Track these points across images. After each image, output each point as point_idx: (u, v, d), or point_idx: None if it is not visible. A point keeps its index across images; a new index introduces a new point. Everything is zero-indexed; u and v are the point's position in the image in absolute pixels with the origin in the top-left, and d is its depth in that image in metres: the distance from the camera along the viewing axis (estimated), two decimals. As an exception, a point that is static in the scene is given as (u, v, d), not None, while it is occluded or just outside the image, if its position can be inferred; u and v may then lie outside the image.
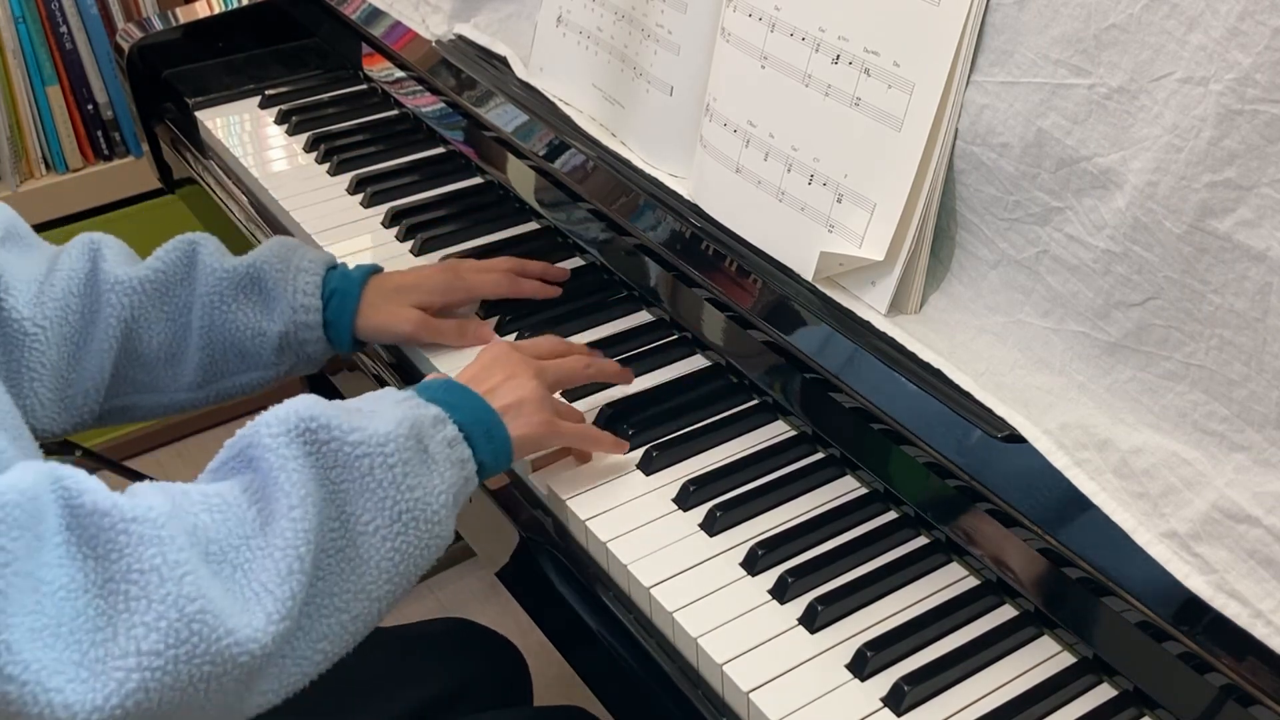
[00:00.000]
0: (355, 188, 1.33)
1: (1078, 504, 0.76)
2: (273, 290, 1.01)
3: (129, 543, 0.65)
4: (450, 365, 1.05)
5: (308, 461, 0.73)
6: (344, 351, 1.07)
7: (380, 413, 0.79)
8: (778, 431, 0.98)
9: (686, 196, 1.08)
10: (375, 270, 1.08)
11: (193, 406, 1.03)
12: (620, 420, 0.98)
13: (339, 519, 0.74)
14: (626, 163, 1.14)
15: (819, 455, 0.96)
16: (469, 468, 0.82)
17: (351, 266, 1.07)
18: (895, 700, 0.77)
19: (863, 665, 0.79)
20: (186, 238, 1.02)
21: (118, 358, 0.97)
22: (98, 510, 0.65)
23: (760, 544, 0.87)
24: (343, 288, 1.04)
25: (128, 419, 1.02)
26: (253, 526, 0.71)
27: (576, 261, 1.20)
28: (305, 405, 0.76)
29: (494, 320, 1.11)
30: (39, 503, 0.64)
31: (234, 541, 0.70)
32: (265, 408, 0.77)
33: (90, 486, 0.66)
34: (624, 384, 1.01)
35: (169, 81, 1.57)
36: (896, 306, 0.92)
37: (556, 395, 0.97)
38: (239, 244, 1.39)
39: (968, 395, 0.84)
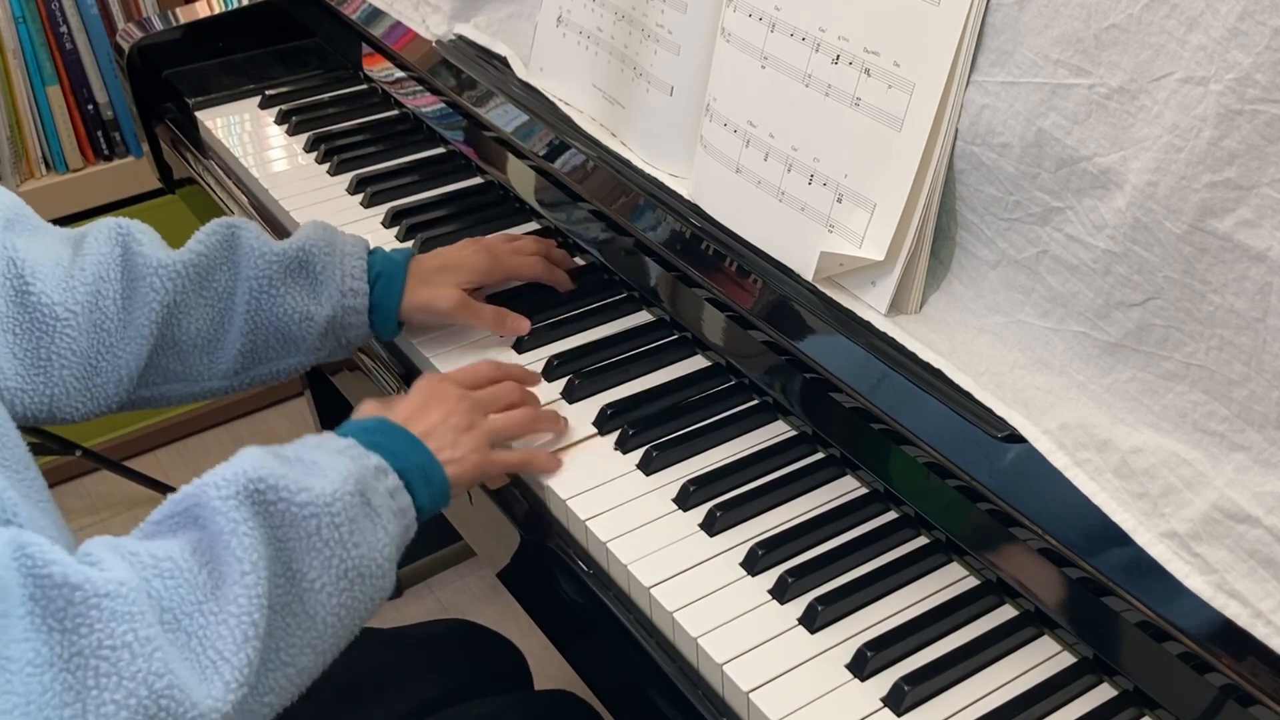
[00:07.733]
0: (355, 188, 1.33)
1: (1078, 504, 0.76)
2: (321, 274, 1.01)
3: (100, 618, 0.63)
4: (449, 365, 1.05)
5: (258, 523, 0.72)
6: (384, 336, 1.07)
7: (323, 466, 0.78)
8: (778, 431, 0.98)
9: (686, 196, 1.08)
10: (412, 253, 1.08)
11: (220, 394, 1.02)
12: (620, 420, 0.99)
13: (286, 576, 0.74)
14: (626, 163, 1.14)
15: (819, 455, 0.96)
16: (409, 515, 0.83)
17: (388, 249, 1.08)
18: (895, 700, 0.77)
19: (863, 665, 0.79)
20: (224, 221, 1.00)
21: (154, 345, 0.95)
22: (68, 583, 0.63)
23: (760, 544, 0.87)
24: (388, 270, 1.04)
25: (151, 407, 1.00)
26: (204, 591, 0.69)
27: (577, 261, 1.20)
28: (253, 464, 0.74)
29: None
30: (2, 576, 0.61)
31: (187, 608, 0.68)
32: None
33: (56, 557, 0.63)
34: (557, 432, 0.98)
35: (169, 81, 1.57)
36: (896, 306, 0.92)
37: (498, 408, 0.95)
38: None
39: (968, 395, 0.84)
